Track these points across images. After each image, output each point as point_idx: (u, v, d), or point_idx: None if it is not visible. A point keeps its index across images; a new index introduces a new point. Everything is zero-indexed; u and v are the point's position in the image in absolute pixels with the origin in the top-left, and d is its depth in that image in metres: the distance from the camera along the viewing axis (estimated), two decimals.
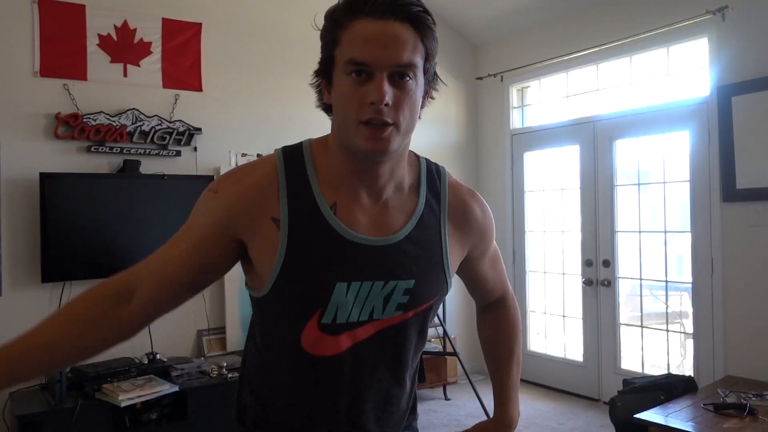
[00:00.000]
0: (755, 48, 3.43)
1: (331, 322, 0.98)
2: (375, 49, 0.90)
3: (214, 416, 3.24)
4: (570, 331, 4.57)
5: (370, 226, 1.00)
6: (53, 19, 3.35)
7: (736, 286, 3.53)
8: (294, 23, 4.23)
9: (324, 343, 0.99)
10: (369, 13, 0.91)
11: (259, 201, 0.97)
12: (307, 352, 1.00)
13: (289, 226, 0.96)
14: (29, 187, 3.22)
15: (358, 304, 0.99)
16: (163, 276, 1.02)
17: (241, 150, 3.98)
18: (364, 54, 0.90)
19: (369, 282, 0.98)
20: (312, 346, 1.00)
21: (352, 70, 0.91)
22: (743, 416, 2.69)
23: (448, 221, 1.07)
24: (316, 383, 1.03)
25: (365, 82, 0.91)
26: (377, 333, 1.02)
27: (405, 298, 1.01)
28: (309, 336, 0.99)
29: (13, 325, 3.27)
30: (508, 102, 4.98)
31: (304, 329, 0.99)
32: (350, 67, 0.91)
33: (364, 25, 0.91)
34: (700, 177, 3.70)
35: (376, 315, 1.00)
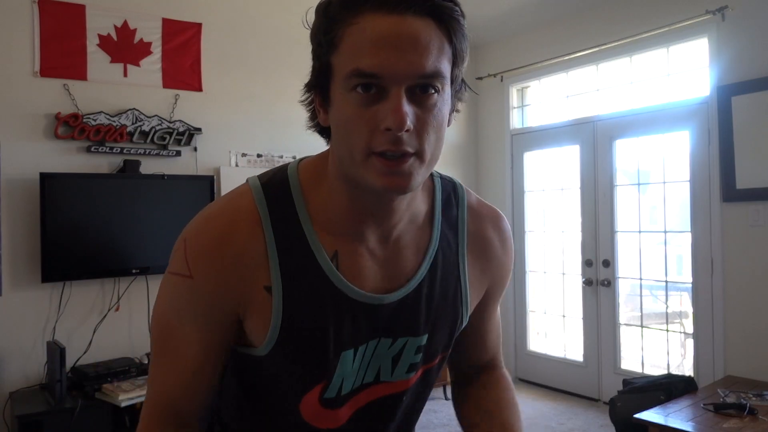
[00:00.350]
0: (755, 48, 3.43)
1: (335, 396, 0.82)
2: (389, 54, 0.66)
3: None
4: (570, 331, 4.57)
5: (379, 276, 0.80)
6: (53, 19, 3.35)
7: (736, 286, 3.53)
8: (294, 23, 4.22)
9: (323, 416, 0.83)
10: (379, 5, 0.66)
11: (245, 273, 0.76)
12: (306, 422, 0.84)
13: (283, 294, 0.76)
14: (29, 187, 3.22)
15: (363, 369, 0.82)
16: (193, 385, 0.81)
17: (241, 150, 3.98)
18: (375, 62, 0.66)
19: (375, 340, 0.81)
20: (312, 418, 0.84)
21: (357, 84, 0.68)
22: (743, 416, 2.69)
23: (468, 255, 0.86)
24: None
25: (376, 101, 0.68)
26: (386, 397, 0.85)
27: (417, 357, 0.84)
28: (308, 407, 0.83)
29: (13, 325, 3.30)
30: (508, 102, 4.98)
31: (303, 400, 0.82)
32: (355, 81, 0.68)
33: (374, 22, 0.67)
34: (700, 177, 3.70)
35: (383, 377, 0.83)
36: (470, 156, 5.21)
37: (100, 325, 3.40)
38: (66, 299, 3.31)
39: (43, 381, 3.19)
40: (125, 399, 2.91)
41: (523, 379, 4.85)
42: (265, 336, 0.77)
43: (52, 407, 2.86)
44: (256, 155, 4.04)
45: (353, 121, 0.69)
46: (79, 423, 2.85)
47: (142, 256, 3.44)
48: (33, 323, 3.25)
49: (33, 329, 3.25)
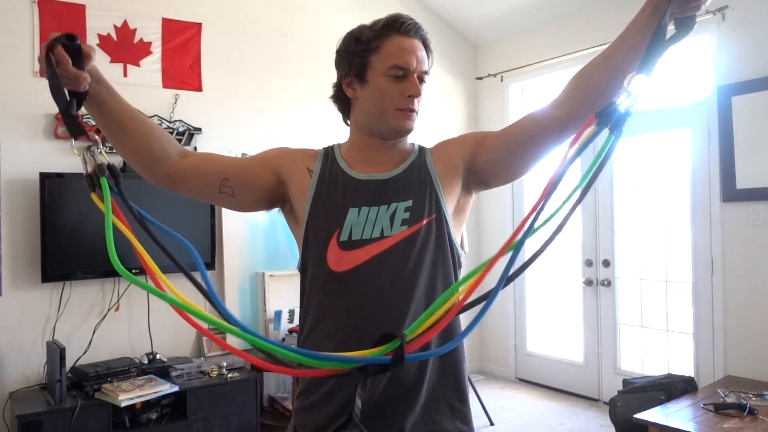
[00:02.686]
0: (755, 48, 3.43)
1: (347, 240, 1.22)
2: (412, 57, 1.23)
3: (214, 416, 3.24)
4: (570, 332, 4.57)
5: (374, 171, 1.29)
6: (53, 19, 3.35)
7: (736, 286, 3.53)
8: (294, 23, 4.24)
9: (344, 259, 1.21)
10: (404, 32, 1.25)
11: (301, 158, 1.33)
12: (331, 270, 1.22)
13: (318, 175, 1.29)
14: (29, 187, 3.22)
15: (369, 225, 1.23)
16: (212, 157, 1.37)
17: (241, 150, 3.98)
18: (406, 61, 1.23)
19: (375, 207, 1.24)
20: (335, 263, 1.22)
21: (395, 73, 1.23)
22: (743, 416, 2.69)
23: (434, 159, 1.32)
24: (340, 303, 1.22)
25: (400, 81, 1.23)
26: (395, 245, 1.22)
27: (407, 214, 1.24)
28: (332, 254, 1.22)
29: (13, 325, 3.29)
30: (508, 102, 4.98)
31: (328, 248, 1.23)
32: (394, 70, 1.23)
33: (402, 40, 1.24)
34: (700, 177, 3.70)
35: (386, 233, 1.23)
36: None
37: (100, 325, 3.41)
38: (66, 299, 3.31)
39: (43, 381, 3.19)
40: (125, 399, 2.91)
41: (522, 379, 4.85)
42: (304, 202, 1.27)
43: (52, 407, 2.86)
44: None
45: (387, 91, 1.24)
46: (79, 423, 2.85)
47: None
48: (33, 323, 3.25)
49: (33, 329, 3.25)
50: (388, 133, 1.28)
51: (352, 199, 1.25)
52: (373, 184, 1.27)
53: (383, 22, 1.25)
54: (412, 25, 1.25)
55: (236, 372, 3.42)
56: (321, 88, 5.07)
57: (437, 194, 1.27)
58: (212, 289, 0.97)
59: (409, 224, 1.23)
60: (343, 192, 1.26)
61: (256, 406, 3.39)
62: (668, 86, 3.95)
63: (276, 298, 3.80)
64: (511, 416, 4.08)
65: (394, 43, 1.23)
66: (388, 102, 1.24)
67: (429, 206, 1.25)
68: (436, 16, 4.95)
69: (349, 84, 1.29)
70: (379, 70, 1.23)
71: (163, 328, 3.64)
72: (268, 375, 3.88)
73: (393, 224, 1.23)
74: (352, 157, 1.31)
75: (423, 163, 1.31)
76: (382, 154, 1.31)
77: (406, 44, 1.23)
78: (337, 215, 1.24)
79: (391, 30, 1.24)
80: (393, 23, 1.24)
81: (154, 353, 3.40)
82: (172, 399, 3.16)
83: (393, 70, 1.22)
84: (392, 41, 1.23)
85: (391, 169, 1.29)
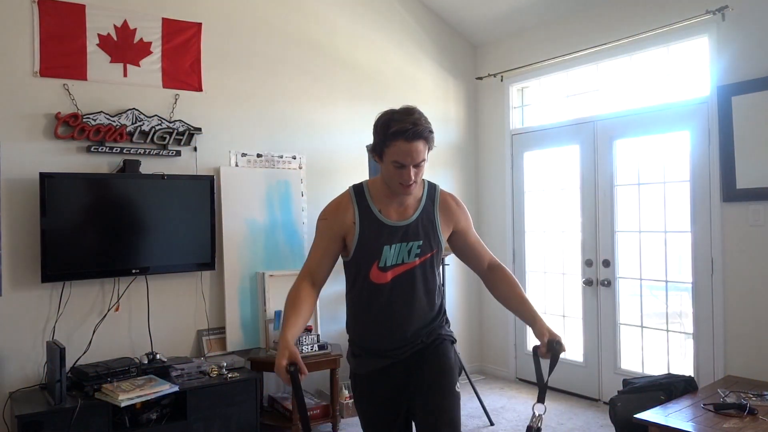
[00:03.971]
0: (755, 48, 3.43)
1: (383, 265, 1.94)
2: (408, 158, 1.82)
3: (214, 416, 3.24)
4: (570, 331, 4.56)
5: (397, 218, 1.97)
6: (53, 19, 3.35)
7: (736, 286, 3.53)
8: (294, 23, 4.23)
9: (380, 276, 1.94)
10: (405, 138, 1.80)
11: (345, 213, 1.96)
12: (372, 281, 1.94)
13: (359, 222, 1.94)
14: (29, 187, 3.22)
15: (395, 255, 1.94)
16: (321, 264, 1.97)
17: (241, 150, 3.98)
18: (403, 160, 1.82)
19: (399, 244, 1.94)
20: (375, 278, 1.94)
21: (395, 166, 1.84)
22: (743, 416, 2.69)
23: (439, 210, 2.03)
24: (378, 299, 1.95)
25: (401, 168, 1.84)
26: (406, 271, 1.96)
27: (418, 250, 1.96)
28: (374, 273, 1.94)
29: (13, 325, 3.29)
30: (508, 102, 4.98)
31: (371, 270, 1.94)
32: (395, 164, 1.84)
33: (402, 144, 1.81)
34: (700, 177, 3.70)
35: (406, 260, 1.95)
36: (470, 156, 5.21)
37: (99, 325, 3.41)
38: (66, 299, 3.31)
39: (43, 381, 3.19)
40: (125, 399, 2.91)
41: (523, 379, 4.85)
42: (353, 244, 1.93)
43: (52, 407, 2.86)
44: (256, 155, 4.04)
45: (392, 174, 1.87)
46: (79, 423, 2.85)
47: (142, 256, 3.44)
48: (33, 323, 3.25)
49: (33, 329, 3.25)
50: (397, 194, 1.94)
51: (386, 240, 1.93)
52: (399, 229, 1.95)
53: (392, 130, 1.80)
54: (413, 132, 1.79)
55: (236, 372, 3.42)
56: (321, 88, 5.09)
57: (438, 236, 1.99)
58: None
59: (420, 256, 1.97)
60: (379, 235, 1.92)
61: (256, 406, 3.39)
62: (668, 86, 3.95)
63: (276, 298, 3.79)
64: (511, 416, 4.07)
65: (397, 146, 1.81)
66: (392, 179, 1.88)
67: (431, 244, 1.98)
68: (436, 16, 4.95)
69: (374, 155, 1.91)
70: (387, 159, 1.85)
71: (163, 328, 3.64)
72: (269, 375, 3.88)
73: (410, 255, 1.95)
74: (382, 203, 1.95)
75: (430, 212, 2.00)
76: (403, 200, 1.96)
77: (405, 148, 1.80)
78: (377, 250, 1.93)
79: (398, 136, 1.80)
80: (401, 132, 1.79)
81: (154, 353, 3.40)
82: (172, 399, 3.16)
83: (395, 163, 1.83)
84: (396, 145, 1.81)
85: (410, 217, 1.97)
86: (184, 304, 3.73)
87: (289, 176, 4.14)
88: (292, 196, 4.14)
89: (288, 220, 4.09)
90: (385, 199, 1.94)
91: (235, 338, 3.81)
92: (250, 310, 3.88)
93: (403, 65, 4.76)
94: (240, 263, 3.88)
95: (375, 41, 4.60)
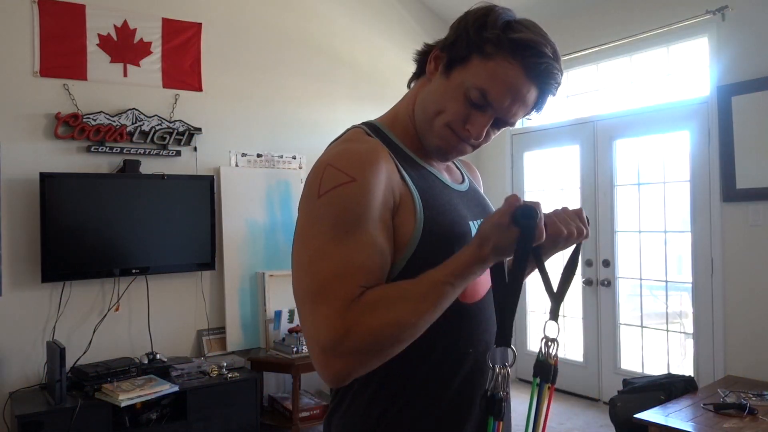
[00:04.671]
0: (755, 48, 3.43)
1: None
2: (507, 99, 0.94)
3: (214, 416, 3.24)
4: (570, 331, 4.57)
5: (451, 178, 1.09)
6: (53, 19, 3.35)
7: (736, 286, 3.53)
8: (294, 23, 4.23)
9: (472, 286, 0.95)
10: (525, 67, 0.93)
11: (392, 168, 0.94)
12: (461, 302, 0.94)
13: (414, 183, 0.96)
14: (29, 187, 3.22)
15: None
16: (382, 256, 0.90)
17: (241, 150, 3.98)
18: (498, 98, 0.94)
19: (477, 221, 1.04)
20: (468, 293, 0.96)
21: (476, 97, 0.94)
22: (743, 416, 2.69)
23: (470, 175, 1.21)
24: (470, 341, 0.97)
25: (479, 109, 0.96)
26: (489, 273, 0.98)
27: None
28: None
29: (13, 325, 3.29)
30: None
31: None
32: (476, 94, 0.94)
33: (515, 73, 0.93)
34: (700, 177, 3.70)
35: None
36: (470, 155, 5.20)
37: (100, 325, 3.40)
38: (66, 299, 3.31)
39: (43, 381, 3.19)
40: (125, 399, 2.91)
41: (523, 379, 4.85)
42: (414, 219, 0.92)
43: (52, 407, 2.86)
44: (256, 155, 4.04)
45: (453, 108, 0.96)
46: (79, 423, 2.85)
47: (142, 256, 3.44)
48: (33, 323, 3.25)
49: (33, 329, 3.25)
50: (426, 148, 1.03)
51: (465, 212, 1.02)
52: (465, 196, 1.08)
53: (518, 37, 0.94)
54: (546, 67, 0.94)
55: (236, 372, 3.42)
56: (321, 88, 5.10)
57: None
58: None
59: None
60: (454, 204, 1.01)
61: (256, 406, 3.39)
62: (668, 86, 3.95)
63: (276, 298, 3.80)
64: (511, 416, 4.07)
65: (503, 66, 0.93)
66: (443, 115, 0.97)
67: None
68: (436, 16, 4.95)
69: (436, 58, 1.00)
70: (466, 77, 0.95)
71: (163, 328, 3.64)
72: (268, 375, 3.88)
73: None
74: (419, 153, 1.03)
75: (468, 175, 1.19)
76: None
77: (515, 80, 0.93)
78: (462, 229, 0.98)
79: (516, 52, 0.93)
80: (522, 48, 0.93)
81: (154, 353, 3.40)
82: (172, 399, 3.16)
83: (475, 92, 0.94)
84: (502, 63, 0.93)
85: (462, 179, 1.13)
86: (184, 304, 3.73)
87: (289, 176, 4.14)
88: (292, 196, 4.13)
89: (288, 220, 4.09)
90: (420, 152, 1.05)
91: (235, 338, 3.81)
92: (250, 310, 3.88)
93: (403, 65, 4.74)
94: (240, 263, 3.88)
95: (375, 41, 4.60)
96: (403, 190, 0.93)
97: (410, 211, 0.93)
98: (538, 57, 0.93)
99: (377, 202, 0.89)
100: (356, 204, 0.87)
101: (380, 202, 0.89)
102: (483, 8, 0.97)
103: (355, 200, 0.87)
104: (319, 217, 0.88)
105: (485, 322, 0.99)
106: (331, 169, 0.90)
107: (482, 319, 0.99)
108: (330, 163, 0.91)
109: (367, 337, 0.82)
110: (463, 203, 1.04)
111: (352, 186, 0.88)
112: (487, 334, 0.99)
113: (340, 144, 0.98)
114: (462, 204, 1.03)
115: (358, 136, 1.00)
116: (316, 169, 0.93)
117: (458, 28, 0.98)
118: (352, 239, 0.86)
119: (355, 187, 0.88)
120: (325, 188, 0.88)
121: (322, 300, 0.84)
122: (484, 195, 1.16)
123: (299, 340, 3.52)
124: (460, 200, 1.03)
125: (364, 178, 0.88)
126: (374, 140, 0.97)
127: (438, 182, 1.01)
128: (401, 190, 0.93)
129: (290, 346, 3.51)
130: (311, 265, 0.87)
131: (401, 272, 0.91)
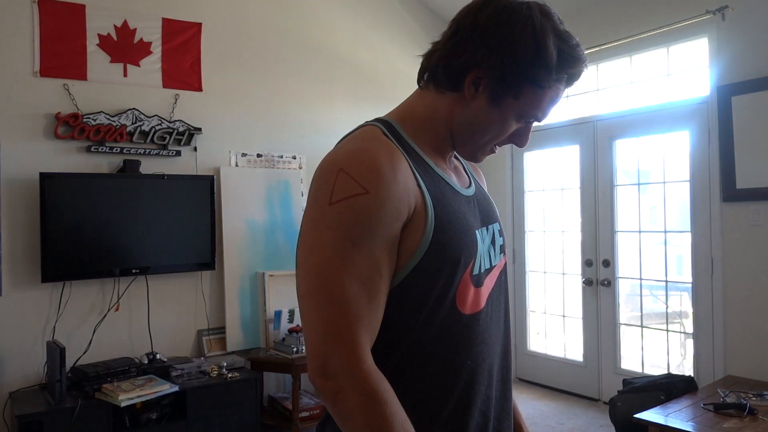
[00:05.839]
0: (755, 48, 3.43)
1: (478, 272, 0.98)
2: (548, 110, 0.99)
3: (214, 416, 3.24)
4: (570, 331, 4.57)
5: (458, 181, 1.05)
6: (53, 19, 3.35)
7: (736, 286, 3.53)
8: (294, 23, 4.23)
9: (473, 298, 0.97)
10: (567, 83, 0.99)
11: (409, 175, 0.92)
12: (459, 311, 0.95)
13: (428, 190, 0.94)
14: (29, 187, 3.22)
15: (486, 252, 1.02)
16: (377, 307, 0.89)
17: (241, 150, 3.98)
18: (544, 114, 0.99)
19: (483, 228, 1.03)
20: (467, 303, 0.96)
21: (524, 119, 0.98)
22: (743, 416, 2.69)
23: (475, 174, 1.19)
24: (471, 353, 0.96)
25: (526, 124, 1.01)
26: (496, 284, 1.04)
27: (501, 239, 1.09)
28: (463, 292, 0.95)
29: (13, 325, 3.29)
30: None
31: (460, 286, 0.94)
32: (529, 119, 0.99)
33: (559, 91, 0.98)
34: (700, 177, 3.70)
35: (494, 261, 1.04)
36: None
37: (100, 325, 3.41)
38: (66, 299, 3.31)
39: (43, 381, 3.19)
40: (125, 399, 2.91)
41: (523, 379, 4.85)
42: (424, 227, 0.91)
43: (52, 407, 2.86)
44: (256, 155, 4.04)
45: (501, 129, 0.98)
46: (79, 423, 2.85)
47: (142, 256, 3.44)
48: (33, 323, 3.25)
49: (33, 329, 3.25)
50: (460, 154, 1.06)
51: (472, 220, 1.00)
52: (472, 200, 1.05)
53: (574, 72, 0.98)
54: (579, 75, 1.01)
55: (236, 372, 3.42)
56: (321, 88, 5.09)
57: None
58: None
59: (503, 251, 1.09)
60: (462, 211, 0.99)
61: (256, 406, 3.39)
62: (668, 86, 3.95)
63: (276, 298, 3.80)
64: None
65: (556, 90, 0.97)
66: (491, 136, 0.99)
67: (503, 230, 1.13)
68: (436, 16, 4.95)
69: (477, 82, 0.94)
70: (518, 105, 0.95)
71: (163, 328, 3.64)
72: (268, 375, 3.88)
73: (495, 251, 1.05)
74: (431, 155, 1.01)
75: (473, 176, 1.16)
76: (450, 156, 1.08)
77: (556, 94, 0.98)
78: (470, 240, 0.96)
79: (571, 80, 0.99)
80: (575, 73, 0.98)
81: (154, 353, 3.40)
82: (172, 399, 3.16)
83: (529, 117, 0.98)
84: (556, 88, 0.97)
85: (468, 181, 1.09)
86: (184, 304, 3.73)
87: (289, 176, 4.14)
88: (292, 196, 4.13)
89: (288, 220, 4.09)
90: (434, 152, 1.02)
91: (235, 338, 3.81)
92: (250, 310, 3.88)
93: (403, 65, 4.76)
94: (240, 263, 3.88)
95: (375, 41, 4.60)
96: (418, 198, 0.92)
97: (421, 219, 0.91)
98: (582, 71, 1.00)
99: (389, 217, 0.88)
100: (367, 218, 0.86)
101: (392, 217, 0.88)
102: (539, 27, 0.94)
103: (367, 215, 0.86)
104: (327, 226, 0.87)
105: (483, 333, 0.99)
106: (345, 176, 0.87)
107: (480, 330, 0.98)
108: (343, 169, 0.88)
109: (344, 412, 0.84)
110: (470, 210, 1.02)
111: (364, 199, 0.86)
112: (484, 345, 0.99)
113: (355, 142, 0.95)
114: (469, 211, 1.01)
115: (375, 135, 0.96)
116: (328, 170, 0.90)
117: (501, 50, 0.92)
118: (357, 253, 0.86)
119: (368, 200, 0.86)
120: (337, 197, 0.87)
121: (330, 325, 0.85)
122: (489, 197, 1.15)
123: (299, 340, 3.52)
124: (467, 207, 1.01)
125: (378, 191, 0.86)
126: (391, 144, 0.94)
127: (448, 188, 0.99)
128: (416, 198, 0.91)
129: (290, 346, 3.51)
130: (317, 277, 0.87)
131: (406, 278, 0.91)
